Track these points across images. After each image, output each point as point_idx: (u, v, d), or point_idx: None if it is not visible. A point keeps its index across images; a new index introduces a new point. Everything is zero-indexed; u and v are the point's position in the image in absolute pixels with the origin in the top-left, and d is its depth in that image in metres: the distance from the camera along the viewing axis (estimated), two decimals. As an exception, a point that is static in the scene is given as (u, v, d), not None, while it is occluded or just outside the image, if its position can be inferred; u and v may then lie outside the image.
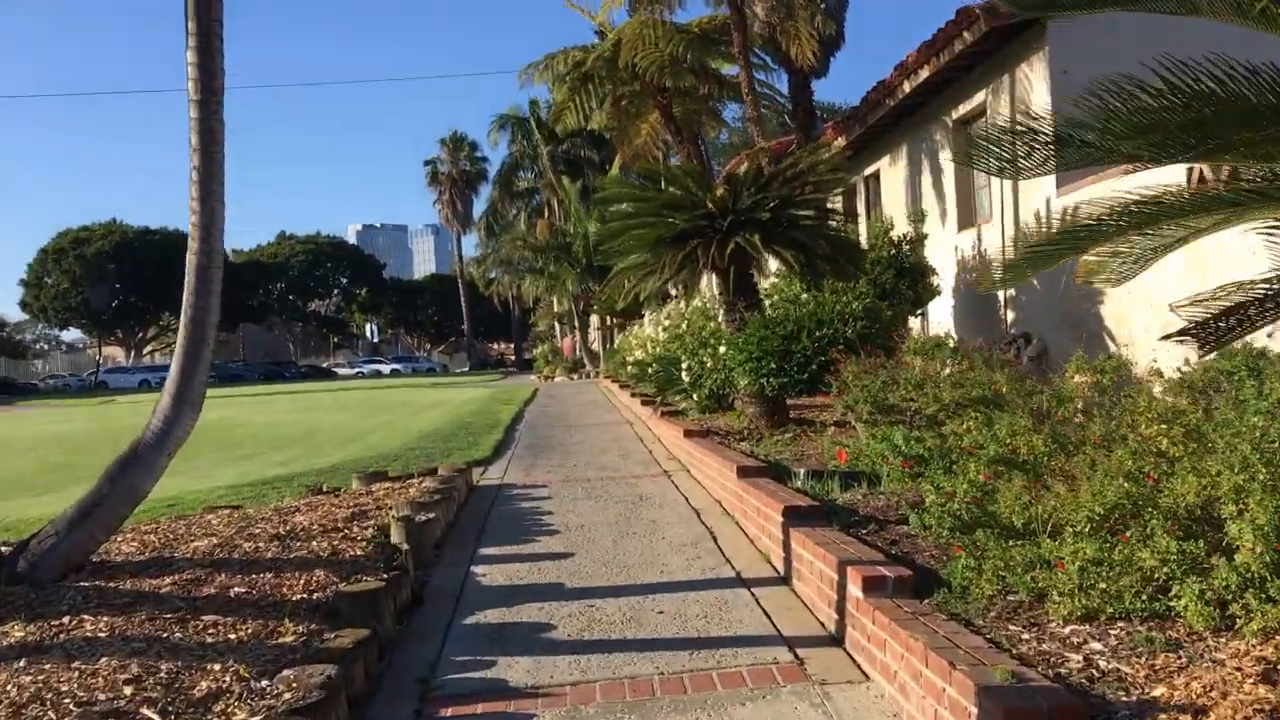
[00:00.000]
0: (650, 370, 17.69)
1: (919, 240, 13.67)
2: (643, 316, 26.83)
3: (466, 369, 79.94)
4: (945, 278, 14.11)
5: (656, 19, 13.94)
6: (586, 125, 18.63)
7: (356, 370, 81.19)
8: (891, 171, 16.91)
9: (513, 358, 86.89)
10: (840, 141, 14.43)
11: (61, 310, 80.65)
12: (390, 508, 7.86)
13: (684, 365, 14.06)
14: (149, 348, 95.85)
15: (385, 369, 79.84)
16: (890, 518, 6.35)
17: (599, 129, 36.54)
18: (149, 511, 9.41)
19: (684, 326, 14.25)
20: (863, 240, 14.26)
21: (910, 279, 13.22)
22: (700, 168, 11.54)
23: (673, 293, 19.09)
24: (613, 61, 15.57)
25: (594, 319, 44.17)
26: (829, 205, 12.24)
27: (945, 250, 14.41)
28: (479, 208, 68.86)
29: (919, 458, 7.52)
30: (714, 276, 12.60)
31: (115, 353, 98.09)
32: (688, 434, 11.19)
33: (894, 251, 13.40)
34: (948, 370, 8.22)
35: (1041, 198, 11.71)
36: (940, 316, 14.51)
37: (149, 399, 36.87)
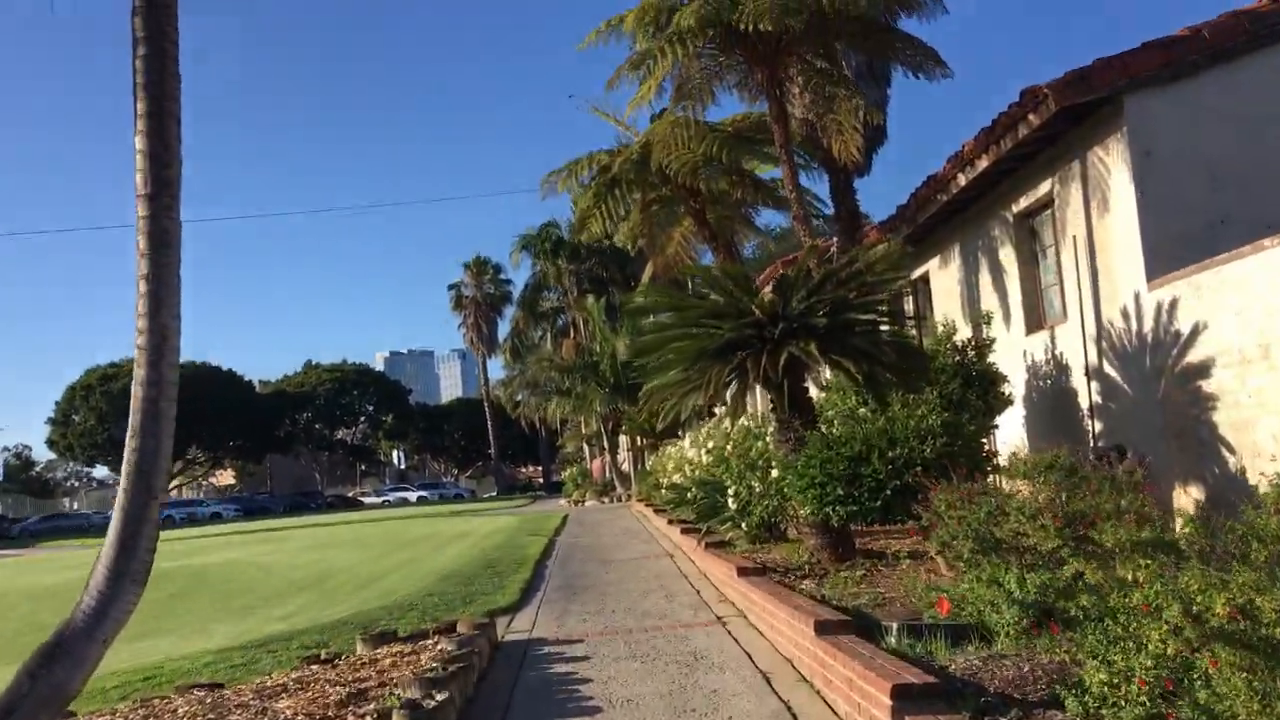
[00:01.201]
0: (690, 495, 16.29)
1: (985, 345, 12.38)
2: (678, 436, 25.48)
3: (495, 494, 78.48)
4: (1014, 385, 12.76)
5: (688, 117, 13.02)
6: (613, 234, 17.67)
7: (383, 499, 79.75)
8: (943, 273, 15.74)
9: (541, 481, 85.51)
10: (884, 243, 13.26)
11: (88, 447, 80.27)
12: (395, 683, 6.46)
13: (730, 491, 12.69)
14: (174, 482, 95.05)
15: (412, 496, 78.37)
16: (1031, 695, 4.91)
17: (624, 244, 35.87)
18: (120, 687, 8.10)
19: (729, 447, 12.92)
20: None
21: (979, 388, 11.87)
22: (744, 271, 10.39)
23: (716, 410, 17.81)
24: (642, 164, 14.63)
25: (623, 439, 42.89)
26: (886, 308, 11.01)
27: (1012, 355, 13.09)
28: (504, 330, 68.55)
29: (1043, 608, 6.12)
30: (762, 392, 11.35)
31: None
32: (742, 572, 9.79)
33: (959, 358, 12.10)
34: (1062, 495, 6.83)
35: (1129, 292, 10.43)
36: (1011, 429, 13.10)
37: (173, 536, 35.54)
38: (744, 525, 12.59)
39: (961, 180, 12.88)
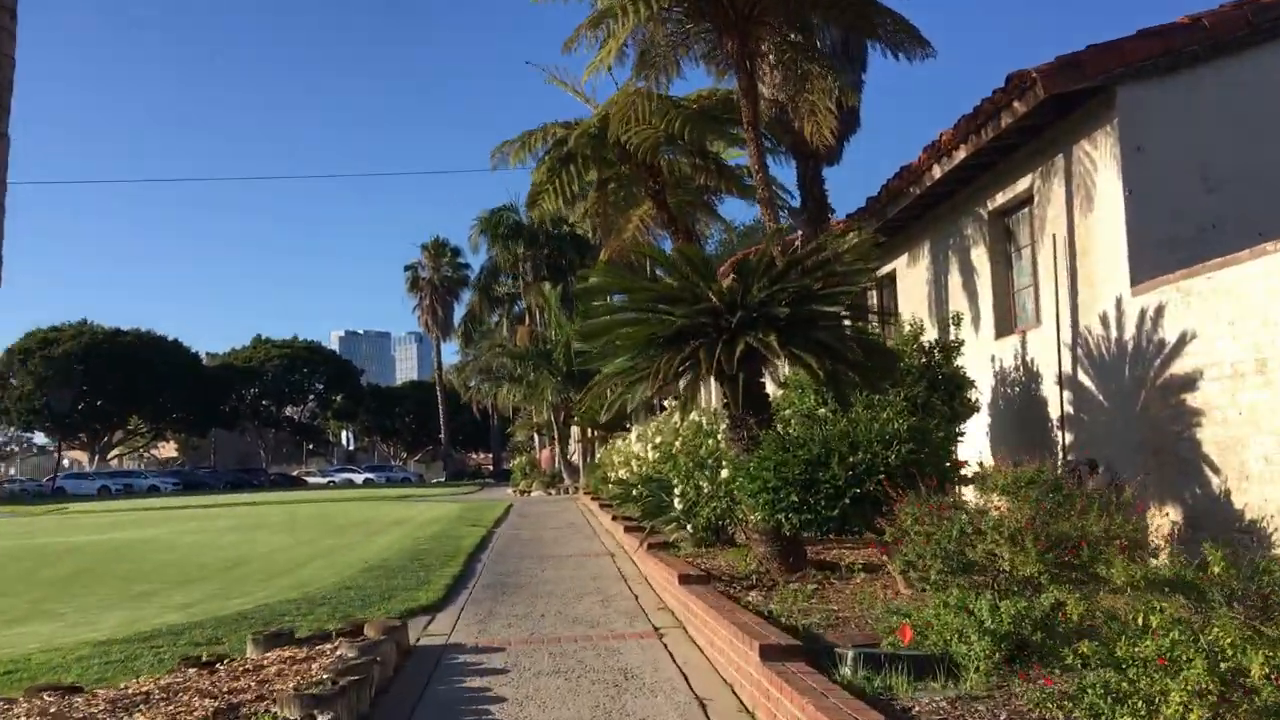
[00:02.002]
0: (636, 492, 15.49)
1: (953, 348, 11.70)
2: (627, 429, 24.63)
3: (443, 479, 77.23)
4: (981, 391, 12.09)
5: (650, 89, 12.13)
6: (567, 213, 16.76)
7: (328, 479, 78.11)
8: (910, 272, 15.06)
9: (490, 468, 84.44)
10: (854, 232, 12.46)
11: (25, 412, 77.85)
12: (274, 697, 5.58)
13: (676, 490, 11.90)
14: (114, 452, 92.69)
15: (358, 478, 76.83)
16: (1011, 752, 4.16)
17: (579, 226, 34.82)
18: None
19: (677, 444, 12.13)
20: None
21: (945, 392, 11.18)
22: (702, 253, 9.57)
23: (667, 403, 17.00)
24: (599, 138, 13.69)
25: (575, 430, 42.04)
26: (852, 301, 10.26)
27: (980, 360, 12.43)
28: (460, 314, 67.25)
29: (1018, 640, 5.40)
30: (715, 386, 10.58)
31: (81, 456, 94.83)
32: (683, 579, 9.02)
33: (925, 360, 11.41)
34: (1031, 514, 6.08)
35: (1110, 297, 9.76)
36: (975, 436, 12.42)
37: (103, 508, 34.27)
38: (690, 527, 11.82)
39: (937, 172, 12.19)
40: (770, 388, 11.10)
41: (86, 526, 25.57)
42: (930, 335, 12.27)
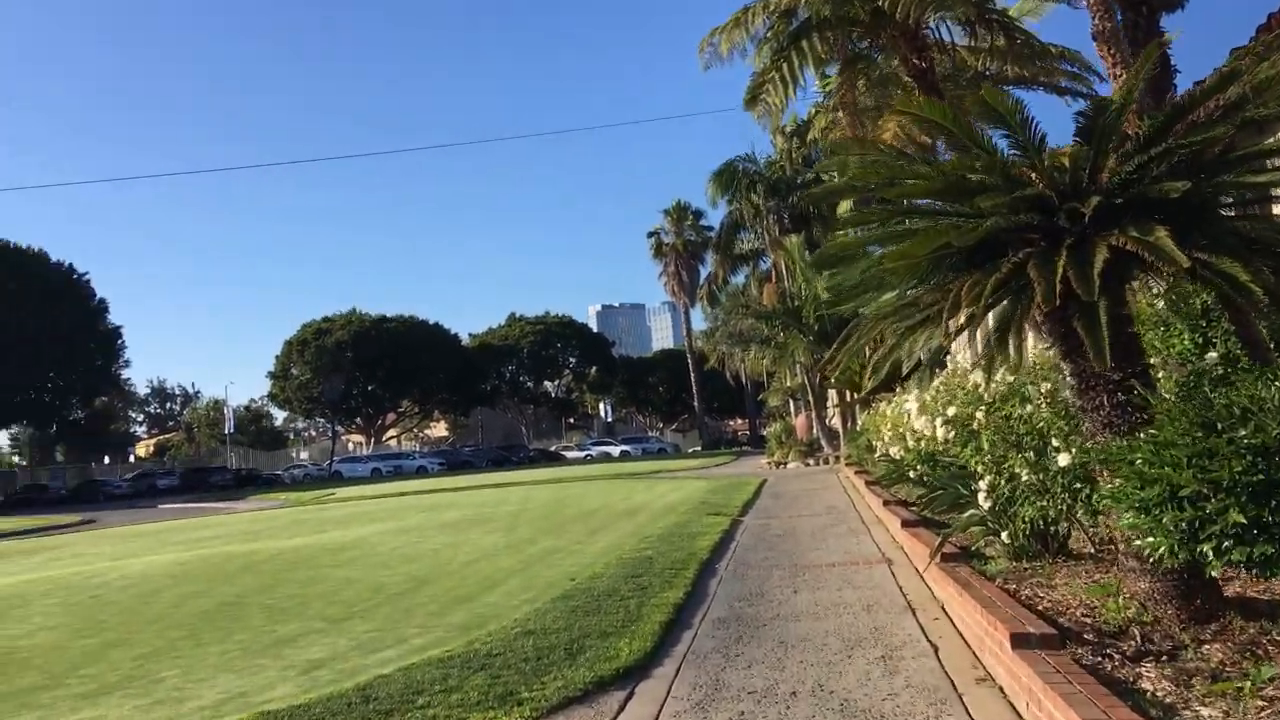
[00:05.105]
0: (916, 474, 11.90)
1: None
2: (894, 389, 20.72)
3: (699, 448, 75.16)
4: None
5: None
6: (795, 142, 13.26)
7: (585, 453, 77.80)
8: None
9: (747, 433, 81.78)
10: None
11: (304, 400, 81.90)
12: None
13: (983, 483, 8.28)
14: (389, 434, 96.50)
15: (615, 451, 76.02)
16: None
17: (830, 176, 30.83)
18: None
19: (979, 416, 8.48)
20: None
21: None
22: (1021, 106, 5.85)
23: (958, 356, 13.22)
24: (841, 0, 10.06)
25: (833, 393, 38.31)
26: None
27: None
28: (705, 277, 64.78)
29: None
30: (1038, 325, 6.88)
31: (363, 439, 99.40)
32: (1019, 642, 5.56)
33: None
34: None
35: None
36: None
37: (360, 494, 33.69)
38: (1004, 535, 8.19)
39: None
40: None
41: (317, 522, 24.36)
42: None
